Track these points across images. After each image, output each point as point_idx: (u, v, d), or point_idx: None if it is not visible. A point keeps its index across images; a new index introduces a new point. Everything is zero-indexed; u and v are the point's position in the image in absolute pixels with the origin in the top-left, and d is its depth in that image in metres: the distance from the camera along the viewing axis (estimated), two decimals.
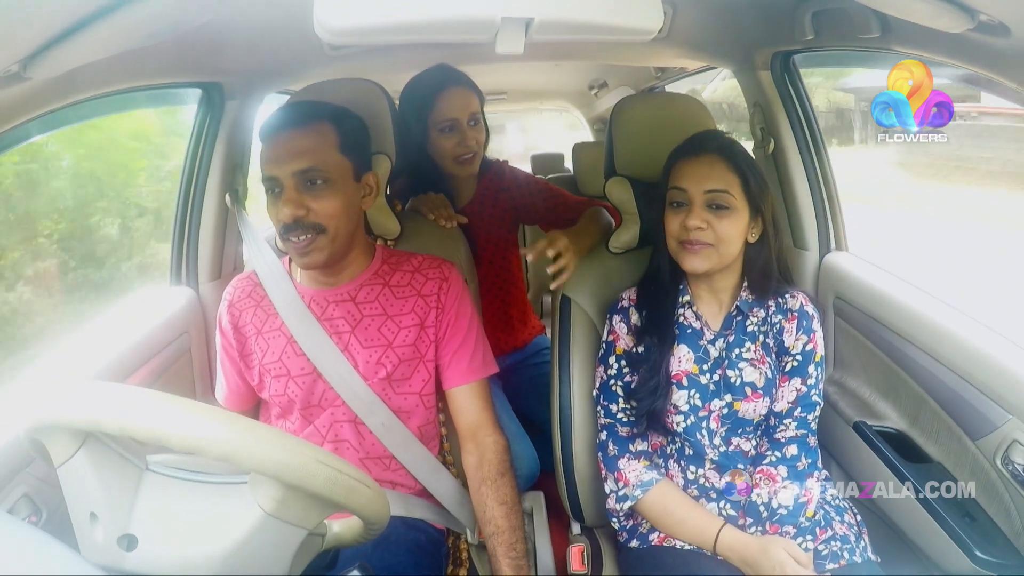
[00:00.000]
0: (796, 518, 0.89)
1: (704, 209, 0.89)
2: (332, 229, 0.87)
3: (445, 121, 1.28)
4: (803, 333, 0.93)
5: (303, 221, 0.85)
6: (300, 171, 0.85)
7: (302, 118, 0.88)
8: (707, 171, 0.89)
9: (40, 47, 0.65)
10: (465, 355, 0.96)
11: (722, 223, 0.88)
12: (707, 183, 0.88)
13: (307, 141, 0.86)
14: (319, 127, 0.88)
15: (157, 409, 0.49)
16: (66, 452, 0.51)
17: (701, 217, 0.88)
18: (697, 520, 0.91)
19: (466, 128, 1.29)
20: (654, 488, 0.93)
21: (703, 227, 0.88)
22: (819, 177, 1.28)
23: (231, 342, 0.96)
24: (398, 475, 0.96)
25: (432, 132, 1.29)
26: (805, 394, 0.92)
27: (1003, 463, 0.86)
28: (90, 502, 0.51)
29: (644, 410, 0.93)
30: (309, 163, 0.85)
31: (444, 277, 0.97)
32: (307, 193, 0.85)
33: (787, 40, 1.13)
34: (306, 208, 0.85)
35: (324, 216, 0.86)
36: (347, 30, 0.57)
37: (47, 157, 1.70)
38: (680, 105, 1.16)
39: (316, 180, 0.86)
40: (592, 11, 0.58)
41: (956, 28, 0.69)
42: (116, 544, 0.51)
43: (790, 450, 0.91)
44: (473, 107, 1.31)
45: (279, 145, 0.86)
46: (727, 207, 0.88)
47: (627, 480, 0.94)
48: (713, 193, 0.88)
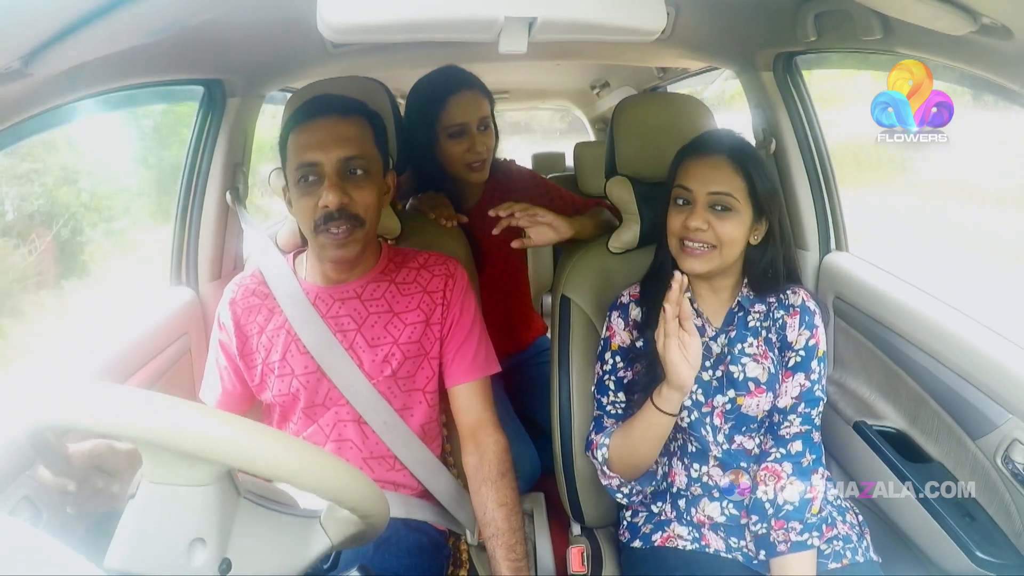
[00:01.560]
0: (802, 514, 0.89)
1: (706, 210, 0.89)
2: (369, 222, 0.87)
3: (455, 126, 1.23)
4: (805, 328, 0.93)
5: (347, 210, 0.84)
6: (345, 158, 0.84)
7: (344, 108, 0.87)
8: (713, 172, 0.89)
9: (42, 44, 0.65)
10: (468, 352, 0.96)
11: (723, 225, 0.88)
12: (712, 184, 0.88)
13: (352, 129, 0.86)
14: (359, 119, 0.88)
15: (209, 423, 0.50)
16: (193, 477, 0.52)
17: (703, 217, 0.88)
18: (643, 418, 0.89)
19: (476, 133, 1.25)
20: (614, 432, 0.93)
21: (704, 228, 0.88)
22: (820, 177, 1.28)
23: (232, 340, 0.94)
24: (400, 476, 0.96)
25: (441, 136, 1.24)
26: (808, 389, 0.92)
27: (1003, 462, 0.86)
28: (199, 527, 0.53)
29: (642, 402, 0.92)
30: (354, 151, 0.84)
31: (450, 274, 0.97)
32: (349, 182, 0.85)
33: (789, 41, 1.13)
34: (349, 196, 0.84)
35: (364, 207, 0.85)
36: (350, 28, 0.56)
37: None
38: (682, 105, 1.16)
39: (356, 170, 0.85)
40: (596, 11, 0.58)
41: (958, 30, 0.69)
42: (217, 568, 0.53)
43: (795, 446, 0.91)
44: (483, 111, 1.27)
45: (321, 130, 0.85)
46: (729, 209, 0.88)
47: (596, 443, 0.94)
48: (716, 195, 0.88)
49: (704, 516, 0.95)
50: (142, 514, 0.52)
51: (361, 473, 0.57)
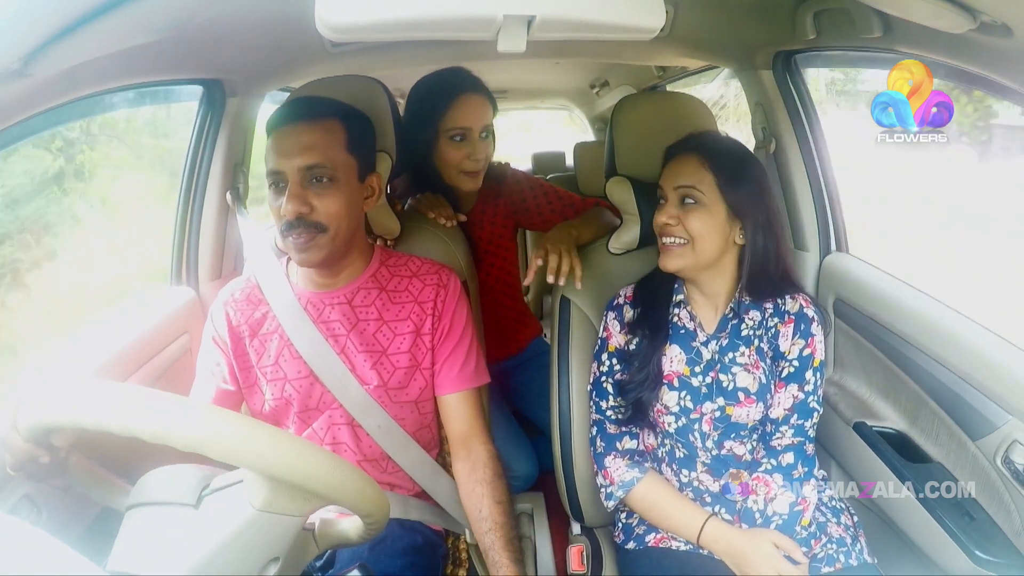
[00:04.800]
0: (792, 527, 0.88)
1: (676, 206, 0.91)
2: (333, 228, 0.86)
3: (457, 129, 1.20)
4: (800, 337, 0.92)
5: (305, 219, 0.84)
6: (306, 167, 0.83)
7: (312, 113, 0.86)
8: (680, 167, 0.91)
9: (41, 44, 0.65)
10: (456, 363, 0.95)
11: (690, 218, 0.89)
12: (678, 179, 0.91)
13: (315, 136, 0.85)
14: (328, 123, 0.86)
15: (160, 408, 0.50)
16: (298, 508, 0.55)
17: (670, 213, 0.90)
18: (684, 513, 0.91)
19: (477, 140, 1.21)
20: (638, 485, 0.93)
21: (672, 223, 0.90)
22: (820, 177, 1.28)
23: (225, 343, 0.94)
24: (395, 477, 0.96)
25: (441, 138, 1.21)
26: (802, 401, 0.91)
27: (1003, 463, 0.86)
28: (278, 546, 0.57)
29: (631, 400, 0.93)
30: (316, 159, 0.84)
31: (443, 284, 0.96)
32: (311, 190, 0.84)
33: (789, 40, 1.13)
34: (309, 206, 0.84)
35: (326, 215, 0.85)
36: (349, 27, 0.56)
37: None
38: (681, 104, 1.15)
39: (322, 177, 0.84)
40: (594, 9, 0.58)
41: (958, 28, 0.69)
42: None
43: (786, 458, 0.91)
44: (487, 118, 1.24)
45: (286, 138, 0.85)
46: (696, 202, 0.89)
47: (612, 479, 0.94)
48: (682, 188, 0.90)
49: None
50: (235, 534, 0.54)
51: (368, 476, 0.58)
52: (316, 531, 0.66)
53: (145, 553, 0.54)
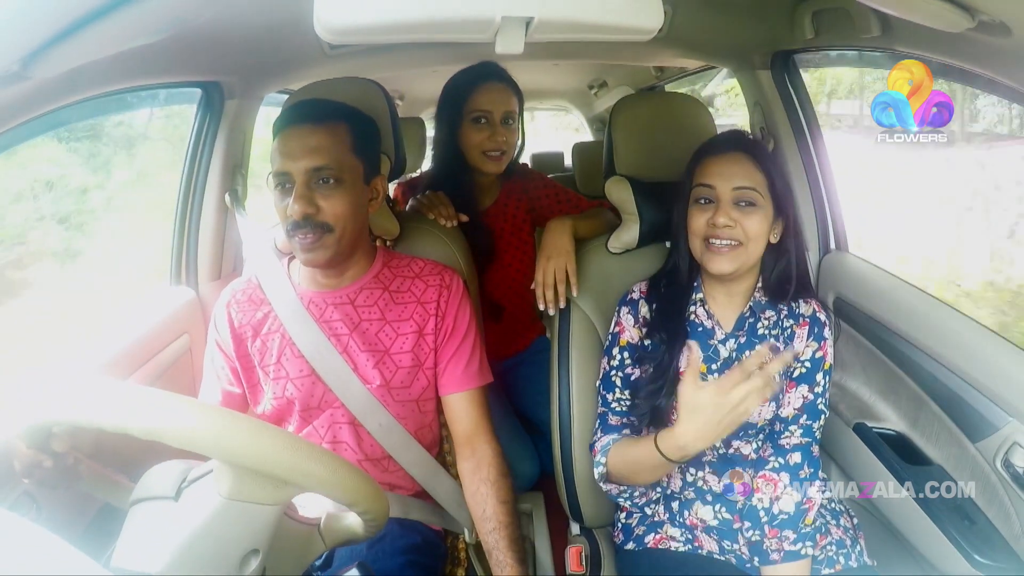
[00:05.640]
0: (796, 524, 0.88)
1: (732, 206, 0.88)
2: (339, 229, 0.86)
3: (478, 111, 1.29)
4: (814, 340, 0.92)
5: (312, 219, 0.85)
6: (313, 168, 0.84)
7: (319, 115, 0.87)
8: (735, 168, 0.88)
9: (40, 46, 0.65)
10: (460, 363, 0.96)
11: (749, 220, 0.87)
12: (735, 180, 0.87)
13: (322, 138, 0.85)
14: (335, 126, 0.87)
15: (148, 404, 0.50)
16: (269, 495, 0.54)
17: (729, 214, 0.87)
18: (645, 452, 0.82)
19: (498, 124, 1.30)
20: (613, 446, 0.90)
21: (731, 224, 0.87)
22: (819, 176, 1.28)
23: (227, 343, 0.95)
24: (396, 477, 0.96)
25: (465, 121, 1.30)
26: (811, 402, 0.91)
27: (1003, 466, 0.85)
28: (259, 539, 0.55)
29: (646, 408, 0.91)
30: (323, 161, 0.84)
31: (446, 284, 0.96)
32: (318, 191, 0.85)
33: (787, 39, 1.13)
34: (316, 207, 0.84)
35: (332, 216, 0.85)
36: (347, 29, 0.56)
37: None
38: (679, 104, 1.16)
39: (328, 179, 0.85)
40: (592, 10, 0.58)
41: (956, 27, 0.69)
42: (263, 574, 0.56)
43: (793, 457, 0.90)
44: (510, 106, 1.32)
45: (293, 140, 0.85)
46: (754, 204, 0.87)
47: (596, 451, 0.93)
48: (741, 190, 0.87)
49: (697, 519, 0.95)
50: (204, 524, 0.53)
51: (368, 475, 0.58)
52: (322, 527, 0.65)
53: (138, 549, 0.54)
